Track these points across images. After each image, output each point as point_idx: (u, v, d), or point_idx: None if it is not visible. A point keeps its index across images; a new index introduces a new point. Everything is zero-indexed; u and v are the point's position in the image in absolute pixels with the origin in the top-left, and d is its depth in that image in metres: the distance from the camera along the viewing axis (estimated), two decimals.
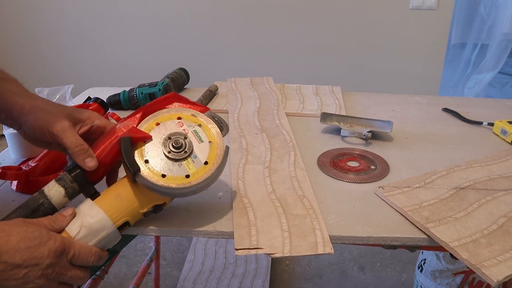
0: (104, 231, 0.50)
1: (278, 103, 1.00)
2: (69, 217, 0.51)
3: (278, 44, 2.26)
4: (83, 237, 0.49)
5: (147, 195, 0.53)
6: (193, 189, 0.53)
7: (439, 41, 2.17)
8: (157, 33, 2.30)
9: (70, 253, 0.47)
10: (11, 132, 0.75)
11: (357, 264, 1.66)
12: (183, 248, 1.74)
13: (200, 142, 0.55)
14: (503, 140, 0.86)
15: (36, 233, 0.46)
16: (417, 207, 0.60)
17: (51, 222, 0.49)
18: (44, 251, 0.45)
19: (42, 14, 2.30)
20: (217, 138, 0.56)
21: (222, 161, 0.55)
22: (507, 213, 0.59)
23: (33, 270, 0.44)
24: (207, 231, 0.56)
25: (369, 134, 0.84)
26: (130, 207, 0.52)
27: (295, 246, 0.52)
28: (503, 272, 0.48)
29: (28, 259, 0.44)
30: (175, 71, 1.15)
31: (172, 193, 0.53)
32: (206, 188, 0.55)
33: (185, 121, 0.56)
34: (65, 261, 0.47)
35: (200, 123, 0.57)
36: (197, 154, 0.54)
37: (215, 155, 0.55)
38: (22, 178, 0.65)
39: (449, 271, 1.20)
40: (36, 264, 0.44)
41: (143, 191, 0.53)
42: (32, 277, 0.44)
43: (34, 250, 0.44)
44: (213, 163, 0.54)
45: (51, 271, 0.45)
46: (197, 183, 0.52)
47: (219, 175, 0.55)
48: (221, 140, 0.56)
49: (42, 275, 0.45)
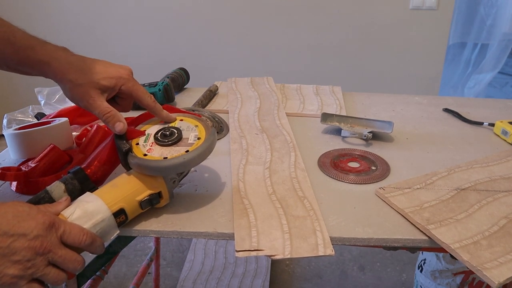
0: (99, 215, 0.50)
1: (278, 103, 0.99)
2: (64, 202, 0.51)
3: (278, 44, 2.26)
4: (77, 218, 0.49)
5: (142, 181, 0.55)
6: (180, 160, 0.54)
7: (439, 41, 2.17)
8: (157, 33, 2.30)
9: (60, 229, 0.46)
10: (11, 132, 0.75)
11: (357, 264, 1.66)
12: (183, 248, 1.74)
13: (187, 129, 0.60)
14: (504, 140, 0.86)
15: (26, 207, 0.46)
16: (418, 208, 0.60)
17: (46, 206, 0.50)
18: (31, 223, 0.44)
19: (42, 14, 2.30)
20: (201, 123, 0.61)
21: (210, 137, 0.58)
22: (508, 214, 0.59)
23: (19, 239, 0.43)
24: (208, 233, 0.56)
25: (370, 135, 0.83)
26: (125, 194, 0.54)
27: (296, 248, 0.52)
28: (504, 274, 0.48)
29: (15, 227, 0.43)
30: (175, 71, 1.15)
31: (161, 167, 0.54)
32: (196, 163, 0.57)
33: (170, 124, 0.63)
34: (55, 238, 0.45)
35: (181, 118, 0.63)
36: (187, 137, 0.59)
37: (204, 133, 0.59)
38: (21, 178, 0.65)
39: (449, 271, 1.20)
40: (22, 233, 0.43)
41: (138, 178, 0.55)
42: (18, 247, 0.43)
43: (21, 220, 0.44)
44: (204, 138, 0.58)
45: (39, 244, 0.44)
46: (188, 153, 0.55)
47: (209, 150, 0.58)
48: (206, 123, 0.61)
49: (29, 247, 0.43)
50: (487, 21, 2.51)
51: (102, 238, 0.51)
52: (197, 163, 0.57)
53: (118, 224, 0.53)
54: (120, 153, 0.57)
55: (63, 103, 0.95)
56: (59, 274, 0.46)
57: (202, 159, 0.57)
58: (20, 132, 0.75)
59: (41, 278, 0.45)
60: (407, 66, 2.23)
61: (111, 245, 0.66)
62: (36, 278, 0.45)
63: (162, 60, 2.34)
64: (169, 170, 0.55)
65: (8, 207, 0.45)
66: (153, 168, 0.54)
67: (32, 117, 0.91)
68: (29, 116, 0.91)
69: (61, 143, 0.75)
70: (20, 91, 2.40)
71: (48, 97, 0.96)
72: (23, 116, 0.91)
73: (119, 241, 0.67)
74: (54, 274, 0.46)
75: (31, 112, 0.92)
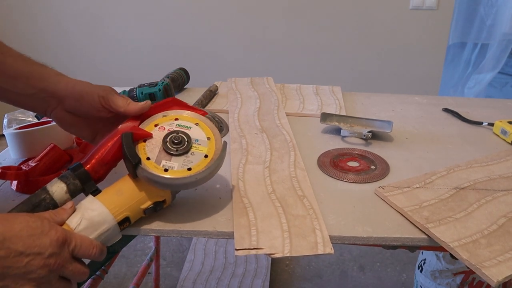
0: (105, 225, 0.50)
1: (278, 103, 1.00)
2: (70, 210, 0.51)
3: (278, 44, 2.26)
4: (84, 229, 0.49)
5: (148, 190, 0.54)
6: (192, 179, 0.53)
7: (439, 41, 2.17)
8: (157, 33, 2.30)
9: (72, 244, 0.47)
10: (11, 132, 0.75)
11: (357, 264, 1.66)
12: (183, 248, 1.74)
13: (199, 139, 0.57)
14: (503, 140, 0.86)
15: (38, 223, 0.45)
16: (417, 207, 0.60)
17: (52, 215, 0.49)
18: (46, 241, 0.44)
19: (42, 14, 2.30)
20: (215, 134, 0.58)
21: (221, 155, 0.56)
22: (507, 213, 0.59)
23: (35, 259, 0.43)
24: (207, 231, 0.56)
25: (369, 134, 0.84)
26: (131, 202, 0.53)
27: (295, 246, 0.52)
28: (503, 273, 0.48)
29: (31, 247, 0.43)
30: (175, 71, 1.15)
31: (173, 184, 0.53)
32: (205, 181, 0.55)
33: (182, 121, 0.59)
34: (67, 253, 0.46)
35: (197, 122, 0.59)
36: (197, 149, 0.56)
37: (214, 149, 0.57)
38: (22, 178, 0.65)
39: (449, 271, 1.20)
40: (38, 253, 0.44)
41: (144, 186, 0.54)
42: (34, 266, 0.43)
43: (36, 238, 0.44)
44: (212, 157, 0.56)
45: (54, 261, 0.45)
46: (196, 173, 0.53)
47: (218, 168, 0.56)
48: (219, 136, 0.58)
49: (45, 265, 0.44)
50: (487, 21, 2.51)
51: (105, 243, 0.52)
52: (208, 179, 0.56)
53: (121, 229, 0.53)
54: (128, 162, 0.54)
55: None
56: (68, 286, 0.48)
57: (213, 175, 0.56)
58: (21, 132, 0.75)
59: None
60: (407, 66, 2.23)
61: (111, 244, 0.66)
62: None
63: (162, 60, 2.34)
64: (180, 188, 0.55)
65: (21, 223, 0.44)
66: (164, 185, 0.53)
67: (32, 117, 0.91)
68: (29, 116, 0.91)
69: (61, 143, 0.75)
70: None
71: None
72: (23, 116, 0.91)
73: (119, 241, 0.67)
74: (64, 286, 0.47)
75: (31, 112, 0.93)
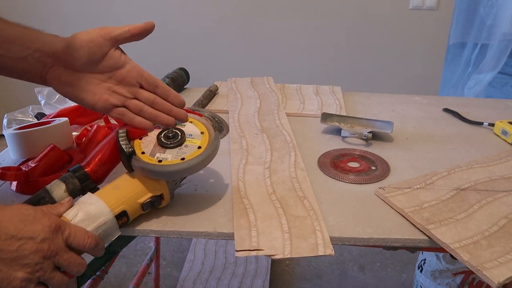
0: (102, 218, 0.50)
1: (278, 103, 0.99)
2: (67, 204, 0.51)
3: (278, 44, 2.26)
4: (80, 221, 0.49)
5: (144, 184, 0.55)
6: (185, 165, 0.54)
7: (439, 41, 2.17)
8: (157, 33, 2.29)
9: (66, 231, 0.46)
10: (11, 132, 0.75)
11: (357, 264, 1.66)
12: (183, 248, 1.74)
13: (192, 133, 0.59)
14: (504, 140, 0.86)
15: (31, 210, 0.45)
16: (417, 208, 0.60)
17: (48, 208, 0.49)
18: (38, 226, 0.44)
19: (41, 14, 2.30)
20: (208, 129, 0.60)
21: (213, 142, 0.58)
22: (508, 214, 0.59)
23: (27, 243, 0.43)
24: (207, 232, 0.56)
25: (370, 135, 0.83)
26: (128, 196, 0.54)
27: (296, 248, 0.52)
28: (504, 274, 0.48)
29: (22, 231, 0.43)
30: (175, 71, 1.15)
31: (166, 172, 0.54)
32: (199, 169, 0.56)
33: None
34: (61, 240, 0.45)
35: (191, 120, 0.62)
36: (190, 142, 0.58)
37: (207, 141, 0.58)
38: (21, 178, 0.65)
39: (449, 271, 1.20)
40: (30, 237, 0.43)
41: (141, 180, 0.55)
42: (27, 250, 0.43)
43: (28, 223, 0.44)
44: (205, 148, 0.57)
45: (47, 247, 0.44)
46: (189, 160, 0.55)
47: (212, 156, 0.57)
48: (213, 131, 0.60)
49: (37, 250, 0.43)
50: (487, 21, 2.50)
51: (104, 240, 0.51)
52: (201, 167, 0.57)
53: (120, 225, 0.53)
54: (123, 155, 0.56)
55: (63, 103, 0.95)
56: (63, 278, 0.46)
57: (206, 164, 0.57)
58: (20, 132, 0.75)
59: (46, 282, 0.45)
60: (407, 66, 2.23)
61: (111, 245, 0.66)
62: (41, 282, 0.45)
63: (162, 60, 2.33)
64: (173, 176, 0.56)
65: (12, 210, 0.44)
66: (157, 173, 0.54)
67: (32, 117, 0.91)
68: (29, 116, 0.91)
69: (61, 143, 0.75)
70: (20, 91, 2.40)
71: (48, 97, 0.96)
72: (23, 116, 0.91)
73: (119, 241, 0.67)
74: (59, 278, 0.46)
75: (31, 112, 0.92)
